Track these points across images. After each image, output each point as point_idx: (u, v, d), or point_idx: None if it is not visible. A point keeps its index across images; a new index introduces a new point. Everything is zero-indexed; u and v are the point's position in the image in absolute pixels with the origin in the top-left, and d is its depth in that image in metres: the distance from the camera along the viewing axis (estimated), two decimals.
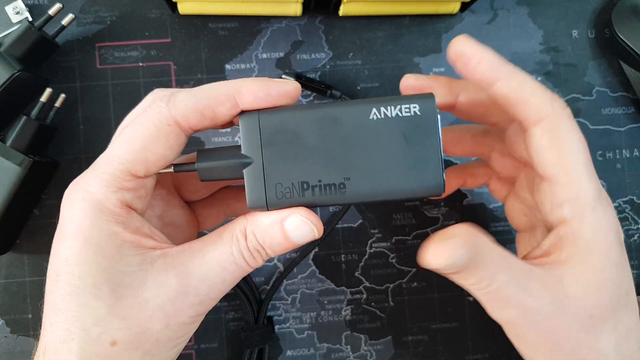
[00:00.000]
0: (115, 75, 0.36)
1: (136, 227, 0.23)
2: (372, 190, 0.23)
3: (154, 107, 0.23)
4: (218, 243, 0.23)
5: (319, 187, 0.23)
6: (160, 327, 0.22)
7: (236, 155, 0.23)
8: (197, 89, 0.23)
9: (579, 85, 0.38)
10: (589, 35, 0.38)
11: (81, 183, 0.23)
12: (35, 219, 0.36)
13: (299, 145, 0.23)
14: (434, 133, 0.22)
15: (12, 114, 0.34)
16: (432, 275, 0.37)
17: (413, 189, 0.23)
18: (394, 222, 0.37)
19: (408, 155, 0.22)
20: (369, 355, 0.37)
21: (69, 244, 0.22)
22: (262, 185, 0.23)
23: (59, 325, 0.22)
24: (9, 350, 0.35)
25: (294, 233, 0.23)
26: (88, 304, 0.22)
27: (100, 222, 0.22)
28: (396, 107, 0.22)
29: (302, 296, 0.37)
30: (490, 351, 0.37)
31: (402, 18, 0.37)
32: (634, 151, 0.38)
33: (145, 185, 0.24)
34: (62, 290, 0.22)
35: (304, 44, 0.37)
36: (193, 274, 0.23)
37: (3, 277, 0.35)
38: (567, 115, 0.23)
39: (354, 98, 0.37)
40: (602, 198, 0.24)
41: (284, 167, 0.23)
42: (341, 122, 0.23)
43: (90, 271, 0.22)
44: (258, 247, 0.23)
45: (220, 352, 0.37)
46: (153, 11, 0.36)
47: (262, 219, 0.23)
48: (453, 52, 0.24)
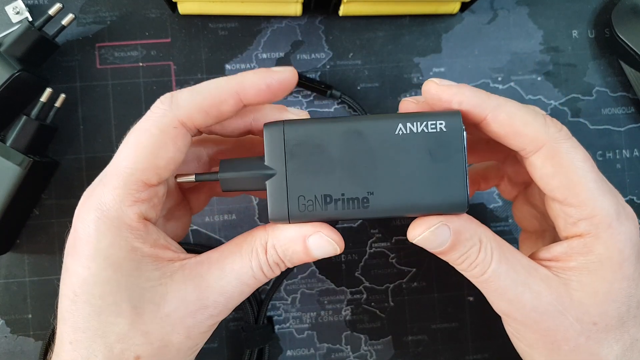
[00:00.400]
0: (115, 75, 0.36)
1: (154, 239, 0.23)
2: (395, 206, 0.22)
3: (156, 111, 0.23)
4: (237, 255, 0.23)
5: (342, 201, 0.22)
6: (182, 340, 0.22)
7: (259, 167, 0.23)
8: (198, 87, 0.23)
9: (579, 85, 0.38)
10: (589, 35, 0.38)
11: (94, 198, 0.22)
12: (35, 219, 0.36)
13: (323, 158, 0.22)
14: (459, 150, 0.22)
15: (12, 114, 0.34)
16: (432, 275, 0.37)
17: (436, 205, 0.22)
18: (394, 222, 0.37)
19: (432, 171, 0.22)
20: (369, 355, 0.37)
21: (87, 265, 0.22)
22: (284, 198, 0.22)
23: (80, 344, 0.22)
24: (9, 350, 0.35)
25: (317, 251, 0.23)
26: (110, 322, 0.21)
27: (119, 240, 0.22)
28: (422, 123, 0.22)
29: (302, 296, 0.37)
30: (490, 351, 0.37)
31: (402, 18, 0.37)
32: (634, 151, 0.38)
33: (158, 194, 0.23)
34: (82, 310, 0.22)
35: (304, 44, 0.37)
36: (212, 288, 0.23)
37: (3, 277, 0.35)
38: (564, 137, 0.23)
39: (354, 98, 0.37)
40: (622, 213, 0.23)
41: (307, 180, 0.22)
42: (366, 136, 0.22)
43: (111, 290, 0.21)
44: (278, 260, 0.23)
45: (220, 352, 0.37)
46: (153, 11, 0.36)
47: (284, 233, 0.23)
48: (430, 98, 0.23)
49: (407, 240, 0.22)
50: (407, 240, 0.22)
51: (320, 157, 0.22)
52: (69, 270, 0.22)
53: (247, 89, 0.23)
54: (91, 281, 0.22)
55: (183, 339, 0.22)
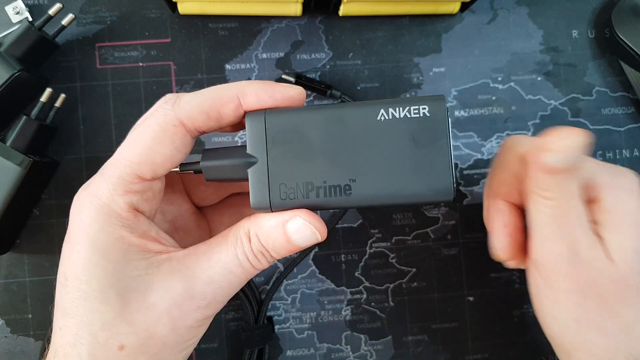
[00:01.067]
0: (115, 75, 0.36)
1: (143, 230, 0.23)
2: (378, 194, 0.22)
3: (160, 110, 0.23)
4: (223, 245, 0.23)
5: (324, 189, 0.22)
6: (167, 331, 0.22)
7: (241, 155, 0.23)
8: (202, 91, 0.23)
9: (579, 85, 0.38)
10: (589, 35, 0.38)
11: (90, 188, 0.23)
12: (35, 219, 0.36)
13: (305, 146, 0.22)
14: (443, 135, 0.22)
15: (12, 114, 0.34)
16: (432, 275, 0.37)
17: (421, 193, 0.22)
18: (394, 222, 0.37)
19: (416, 158, 0.22)
20: (369, 355, 0.37)
21: (77, 249, 0.22)
22: (266, 186, 0.22)
23: (68, 330, 0.22)
24: (9, 350, 0.35)
25: (296, 236, 0.23)
26: (96, 308, 0.22)
27: (107, 226, 0.22)
28: (405, 108, 0.22)
29: (302, 296, 0.37)
30: (490, 351, 0.37)
31: (402, 18, 0.37)
32: (634, 151, 0.38)
33: (153, 188, 0.24)
34: (71, 294, 0.22)
35: (304, 44, 0.37)
36: (198, 277, 0.22)
37: (3, 277, 0.35)
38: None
39: (354, 98, 0.37)
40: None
41: (288, 168, 0.22)
42: (348, 122, 0.22)
43: (97, 276, 0.22)
44: (262, 249, 0.23)
45: (220, 352, 0.37)
46: (153, 11, 0.36)
47: (265, 221, 0.23)
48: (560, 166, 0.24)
49: (407, 240, 0.22)
50: (407, 240, 0.22)
51: (301, 144, 0.22)
52: (63, 256, 0.23)
53: (248, 95, 0.23)
54: (79, 265, 0.22)
55: (168, 330, 0.22)
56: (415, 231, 0.37)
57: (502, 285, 0.37)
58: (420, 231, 0.37)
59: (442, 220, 0.38)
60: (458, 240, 0.37)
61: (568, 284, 0.25)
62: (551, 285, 0.26)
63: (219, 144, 0.37)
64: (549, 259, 0.25)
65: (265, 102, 0.23)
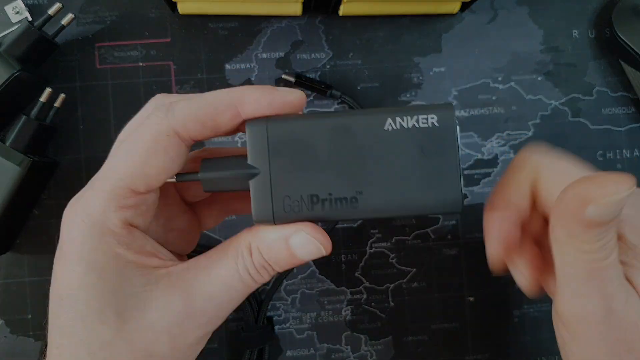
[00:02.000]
0: (115, 75, 0.36)
1: (139, 246, 0.22)
2: (385, 206, 0.21)
3: (152, 118, 0.22)
4: (223, 260, 0.22)
5: (330, 201, 0.21)
6: (167, 350, 0.22)
7: (242, 166, 0.22)
8: (197, 98, 0.22)
9: (579, 85, 0.38)
10: (589, 35, 0.38)
11: (80, 202, 0.22)
12: (35, 219, 0.36)
13: (309, 156, 0.21)
14: (452, 146, 0.21)
15: (12, 114, 0.34)
16: (432, 276, 0.37)
17: (429, 205, 0.21)
18: (394, 222, 0.37)
19: (425, 169, 0.21)
20: (369, 355, 0.37)
21: (71, 268, 0.21)
22: (269, 198, 0.22)
23: (65, 349, 0.21)
24: (9, 350, 0.35)
25: (300, 251, 0.22)
26: (94, 328, 0.21)
27: (102, 245, 0.21)
28: (413, 118, 0.21)
29: (302, 296, 0.37)
30: (490, 351, 0.37)
31: (402, 18, 0.37)
32: (634, 151, 0.38)
33: (147, 201, 0.23)
34: (67, 315, 0.21)
35: (304, 44, 0.37)
36: (198, 294, 0.22)
37: (3, 277, 0.35)
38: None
39: (354, 98, 0.37)
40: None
41: (292, 179, 0.21)
42: (354, 132, 0.21)
43: (95, 296, 0.21)
44: (264, 263, 0.22)
45: (220, 352, 0.37)
46: (153, 11, 0.36)
47: (267, 235, 0.22)
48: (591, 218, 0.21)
49: (407, 241, 0.22)
50: (407, 241, 0.22)
51: (305, 155, 0.21)
52: (56, 274, 0.22)
53: (246, 103, 0.22)
54: (76, 286, 0.21)
55: (168, 349, 0.21)
56: (415, 231, 0.37)
57: (502, 285, 0.37)
58: (420, 231, 0.37)
59: (442, 220, 0.38)
60: (458, 241, 0.37)
61: (600, 344, 0.22)
62: (580, 343, 0.23)
63: (219, 144, 0.37)
64: (580, 317, 0.23)
65: (265, 110, 0.22)
